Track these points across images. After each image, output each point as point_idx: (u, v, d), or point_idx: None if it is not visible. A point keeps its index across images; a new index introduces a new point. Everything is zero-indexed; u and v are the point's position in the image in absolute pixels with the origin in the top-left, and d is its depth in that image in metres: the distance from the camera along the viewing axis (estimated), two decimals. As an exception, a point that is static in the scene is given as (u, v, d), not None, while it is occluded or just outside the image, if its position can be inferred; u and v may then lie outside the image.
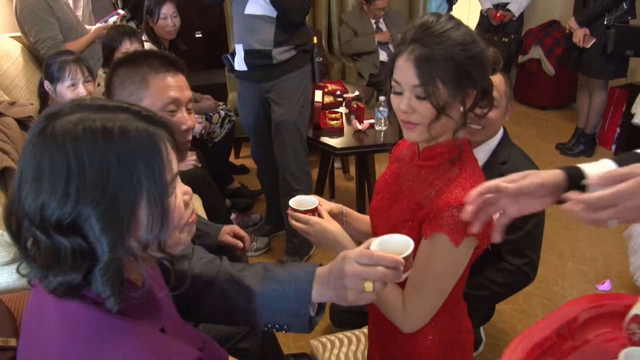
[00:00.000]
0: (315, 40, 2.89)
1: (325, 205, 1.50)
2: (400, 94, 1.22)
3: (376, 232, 1.43)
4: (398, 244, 1.02)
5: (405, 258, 0.98)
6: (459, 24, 1.19)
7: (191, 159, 2.06)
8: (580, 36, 4.05)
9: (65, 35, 3.23)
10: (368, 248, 1.01)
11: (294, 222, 1.42)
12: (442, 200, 1.20)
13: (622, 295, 1.10)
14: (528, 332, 1.08)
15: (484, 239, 1.23)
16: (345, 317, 2.06)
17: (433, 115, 1.19)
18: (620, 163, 1.01)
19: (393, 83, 1.23)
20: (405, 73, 1.19)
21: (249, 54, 2.71)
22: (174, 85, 1.43)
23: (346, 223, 1.54)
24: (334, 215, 1.51)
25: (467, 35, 1.18)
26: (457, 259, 1.23)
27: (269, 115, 2.87)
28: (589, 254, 3.15)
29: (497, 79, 1.75)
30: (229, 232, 1.98)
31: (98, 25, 3.50)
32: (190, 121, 1.48)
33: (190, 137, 1.50)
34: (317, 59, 2.90)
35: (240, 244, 1.98)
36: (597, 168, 1.02)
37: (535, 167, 1.74)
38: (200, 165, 2.06)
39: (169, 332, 0.94)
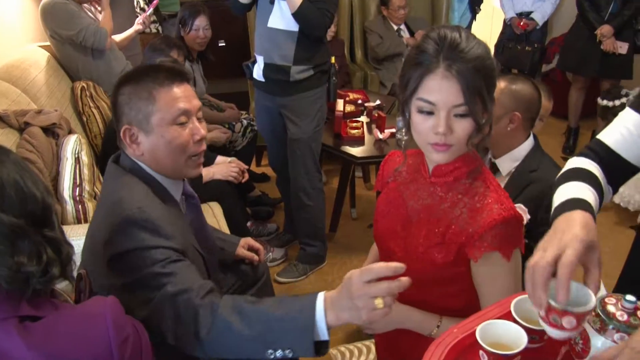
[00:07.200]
0: (333, 60, 2.89)
1: None
2: (430, 114, 1.16)
3: (391, 256, 1.35)
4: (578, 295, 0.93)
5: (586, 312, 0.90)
6: (476, 38, 1.19)
7: (233, 170, 2.05)
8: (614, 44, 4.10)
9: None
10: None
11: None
12: (483, 219, 1.18)
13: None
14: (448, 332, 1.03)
15: (521, 244, 1.25)
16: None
17: (472, 133, 1.17)
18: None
19: (421, 103, 1.16)
20: (444, 92, 1.13)
21: (268, 67, 2.71)
22: (181, 96, 1.38)
23: None
24: None
25: (487, 50, 1.18)
26: (514, 268, 1.23)
27: (285, 125, 2.86)
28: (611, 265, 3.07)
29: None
30: (243, 245, 1.98)
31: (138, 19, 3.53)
32: (202, 130, 1.42)
33: (204, 147, 1.46)
34: (333, 80, 2.90)
35: (256, 257, 2.00)
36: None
37: None
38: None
39: None
